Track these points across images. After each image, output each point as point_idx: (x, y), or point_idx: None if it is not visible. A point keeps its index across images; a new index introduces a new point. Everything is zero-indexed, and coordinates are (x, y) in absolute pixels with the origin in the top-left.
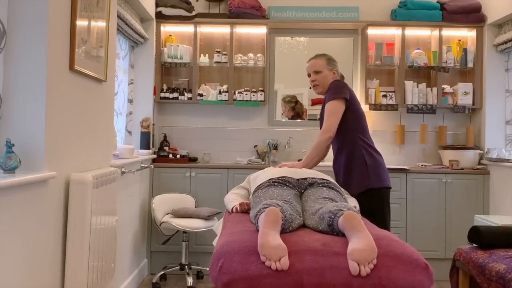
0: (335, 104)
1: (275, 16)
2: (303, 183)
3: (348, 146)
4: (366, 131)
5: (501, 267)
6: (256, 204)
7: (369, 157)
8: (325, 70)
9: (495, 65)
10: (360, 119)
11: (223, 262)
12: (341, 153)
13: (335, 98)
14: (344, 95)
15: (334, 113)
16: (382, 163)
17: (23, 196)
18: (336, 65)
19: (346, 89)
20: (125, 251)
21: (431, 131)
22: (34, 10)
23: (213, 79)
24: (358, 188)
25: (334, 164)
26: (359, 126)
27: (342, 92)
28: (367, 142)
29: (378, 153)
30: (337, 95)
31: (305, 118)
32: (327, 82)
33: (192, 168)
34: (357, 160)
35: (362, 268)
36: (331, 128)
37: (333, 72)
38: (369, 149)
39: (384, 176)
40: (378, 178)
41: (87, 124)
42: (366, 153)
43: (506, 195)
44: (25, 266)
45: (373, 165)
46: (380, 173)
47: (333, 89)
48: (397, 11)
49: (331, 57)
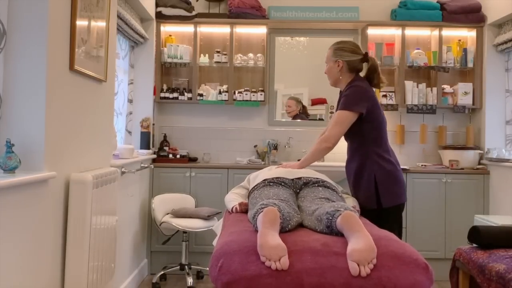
0: (345, 114)
1: (275, 16)
2: (297, 183)
3: (360, 157)
4: (383, 142)
5: (501, 267)
6: (253, 205)
7: (381, 172)
8: (330, 62)
9: (495, 65)
10: (379, 129)
11: (223, 262)
12: (353, 161)
13: (348, 108)
14: (359, 110)
15: (339, 124)
16: (397, 176)
17: (23, 196)
18: (345, 54)
19: (364, 100)
20: (125, 251)
21: (431, 131)
22: (34, 10)
23: (213, 79)
24: (365, 205)
25: (346, 166)
26: (376, 136)
27: (358, 104)
28: (382, 155)
29: (393, 164)
30: (353, 107)
31: (305, 118)
32: (332, 75)
33: (192, 168)
34: (366, 176)
35: (362, 269)
36: (331, 138)
37: (338, 63)
38: (382, 163)
39: (397, 192)
40: (389, 196)
41: (87, 124)
42: (378, 168)
43: (506, 195)
44: (25, 266)
45: (384, 182)
46: (392, 189)
47: (350, 96)
48: (397, 11)
49: (341, 46)
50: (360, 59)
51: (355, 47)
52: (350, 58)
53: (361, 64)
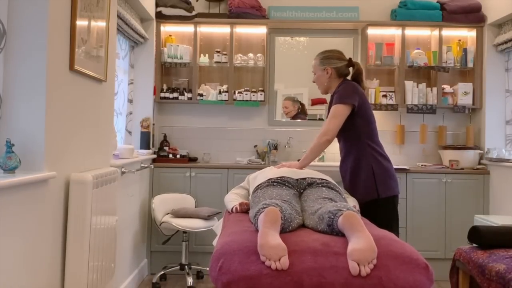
0: (340, 108)
1: (275, 16)
2: (302, 183)
3: (356, 152)
4: (375, 136)
5: (501, 267)
6: (255, 204)
7: (376, 165)
8: (318, 70)
9: (495, 65)
10: (370, 123)
11: (223, 262)
12: (348, 158)
13: (342, 102)
14: (351, 101)
15: (336, 117)
16: (390, 169)
17: (23, 196)
18: (332, 62)
19: (356, 93)
20: (125, 251)
21: (431, 131)
22: (34, 10)
23: (213, 79)
24: (364, 197)
25: (341, 167)
26: (368, 131)
27: (350, 97)
28: (376, 148)
29: (386, 159)
30: (346, 100)
31: (305, 118)
32: (321, 83)
33: (192, 168)
34: (364, 168)
35: (362, 268)
36: (329, 131)
37: (326, 71)
38: (377, 156)
39: (392, 184)
40: (385, 187)
41: (87, 124)
42: (373, 160)
43: (506, 195)
44: (25, 266)
45: (380, 174)
46: (388, 181)
47: (341, 92)
48: (397, 11)
49: (327, 55)
50: (346, 65)
51: (340, 54)
52: (337, 65)
53: (348, 69)
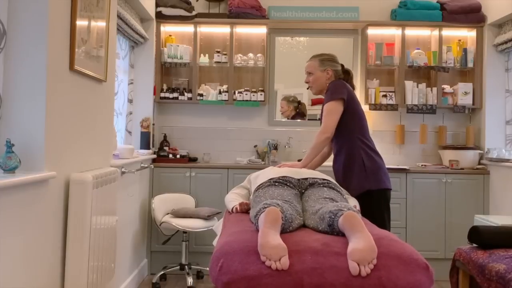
0: (333, 105)
1: (275, 16)
2: (303, 183)
3: (347, 147)
4: (365, 132)
5: (501, 267)
6: (257, 204)
7: (367, 159)
8: (317, 71)
9: (495, 65)
10: (359, 119)
11: (223, 262)
12: (340, 154)
13: (332, 99)
14: (341, 96)
15: (331, 114)
16: (381, 165)
17: (23, 196)
18: (332, 64)
19: (345, 89)
20: (125, 251)
21: (431, 131)
22: (34, 10)
23: (213, 79)
24: (357, 190)
25: (333, 164)
26: (358, 127)
27: (340, 92)
28: (367, 143)
29: (377, 155)
30: (335, 95)
31: (305, 118)
32: (320, 83)
33: (192, 168)
34: (356, 162)
35: (362, 268)
36: (327, 129)
37: (327, 72)
38: (368, 151)
39: (383, 178)
40: (377, 180)
41: (87, 124)
42: (365, 155)
43: (506, 195)
44: (25, 266)
45: (371, 168)
46: (379, 174)
47: (331, 89)
48: (397, 11)
49: (327, 57)
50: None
51: (336, 58)
52: (337, 68)
53: (342, 73)
